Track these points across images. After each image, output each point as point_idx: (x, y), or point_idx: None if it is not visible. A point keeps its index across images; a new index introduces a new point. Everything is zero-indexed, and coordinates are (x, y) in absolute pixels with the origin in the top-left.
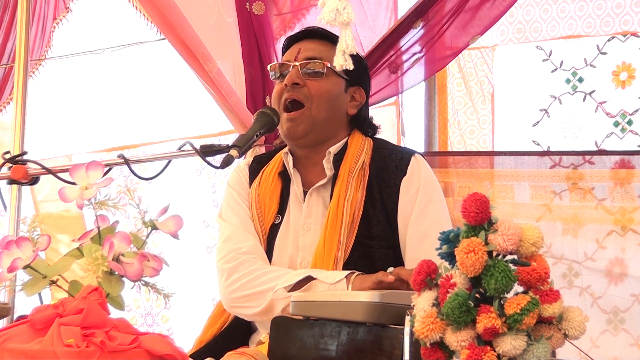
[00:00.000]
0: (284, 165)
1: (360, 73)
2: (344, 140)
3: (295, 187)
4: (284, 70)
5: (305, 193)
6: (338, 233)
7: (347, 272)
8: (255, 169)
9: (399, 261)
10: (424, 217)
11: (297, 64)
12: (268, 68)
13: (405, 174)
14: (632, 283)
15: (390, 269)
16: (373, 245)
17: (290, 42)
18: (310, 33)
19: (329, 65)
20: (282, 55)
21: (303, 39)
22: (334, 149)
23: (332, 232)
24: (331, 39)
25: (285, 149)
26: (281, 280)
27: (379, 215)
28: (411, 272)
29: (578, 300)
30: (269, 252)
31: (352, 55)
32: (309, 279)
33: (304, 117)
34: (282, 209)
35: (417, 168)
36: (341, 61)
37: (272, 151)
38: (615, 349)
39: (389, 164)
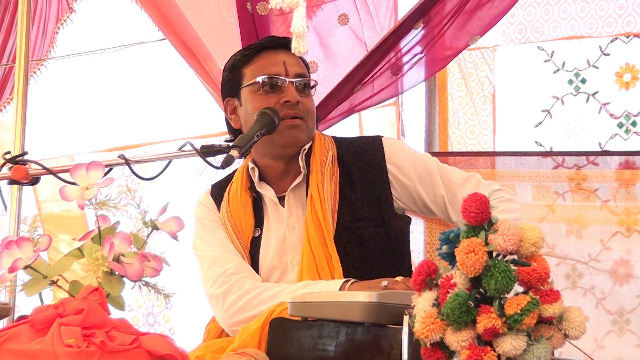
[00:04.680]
0: (248, 181)
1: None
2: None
3: (269, 196)
4: (276, 82)
5: (279, 199)
6: (327, 222)
7: (342, 281)
8: (218, 193)
9: (391, 239)
10: (432, 170)
11: (292, 80)
12: (259, 80)
13: (384, 154)
14: (638, 284)
15: (384, 283)
16: (360, 227)
17: (260, 50)
18: (284, 44)
19: (316, 81)
20: (249, 58)
21: (279, 49)
22: (307, 146)
23: (322, 223)
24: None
25: (250, 164)
26: (277, 300)
27: (362, 198)
28: (404, 286)
29: (582, 301)
30: (255, 265)
31: (307, 63)
32: None
33: (304, 126)
34: (258, 222)
35: (392, 145)
36: (295, 44)
37: (227, 177)
38: (621, 349)
39: (363, 147)
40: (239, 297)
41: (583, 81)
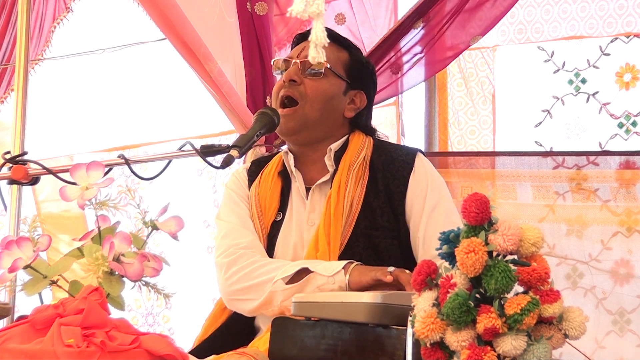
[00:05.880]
0: (283, 165)
1: (364, 77)
2: (344, 138)
3: (298, 184)
4: (286, 66)
5: (307, 190)
6: (339, 223)
7: (345, 262)
8: (254, 171)
9: (404, 252)
10: (436, 212)
11: (297, 61)
12: (272, 63)
13: (412, 169)
14: (638, 284)
15: (391, 269)
16: (378, 236)
17: (298, 39)
18: None
19: (328, 66)
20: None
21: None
22: (334, 146)
23: (333, 223)
24: (339, 41)
25: (285, 149)
26: (280, 272)
27: (383, 207)
28: (410, 276)
29: (583, 301)
30: (271, 248)
31: (359, 59)
32: (307, 270)
33: (296, 115)
34: (282, 207)
35: (423, 164)
36: (313, 53)
37: (271, 154)
38: (622, 350)
39: (395, 158)
40: (242, 268)
41: (583, 81)
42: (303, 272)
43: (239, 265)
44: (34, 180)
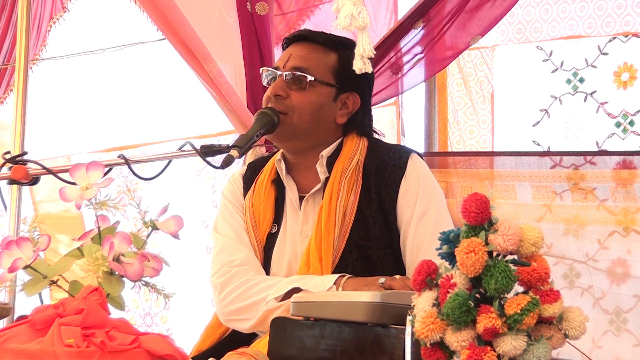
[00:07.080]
0: (277, 172)
1: (356, 77)
2: (337, 142)
3: (290, 194)
4: (273, 76)
5: (301, 199)
6: (331, 236)
7: (336, 276)
8: (249, 178)
9: (398, 261)
10: (425, 219)
11: (283, 73)
12: (260, 72)
13: (404, 173)
14: (635, 284)
15: (382, 280)
16: (371, 247)
17: (287, 43)
18: (304, 36)
19: (312, 78)
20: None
21: (297, 41)
22: (326, 152)
23: (325, 236)
24: (326, 44)
25: (278, 156)
26: (272, 291)
27: (375, 216)
28: (402, 284)
29: (580, 301)
30: (267, 261)
31: (348, 60)
32: (298, 289)
33: (285, 124)
34: (277, 218)
35: (415, 167)
36: (360, 65)
37: (266, 158)
38: (618, 349)
39: (387, 162)
40: (236, 287)
41: (581, 80)
42: (295, 289)
43: (233, 285)
44: (34, 180)
